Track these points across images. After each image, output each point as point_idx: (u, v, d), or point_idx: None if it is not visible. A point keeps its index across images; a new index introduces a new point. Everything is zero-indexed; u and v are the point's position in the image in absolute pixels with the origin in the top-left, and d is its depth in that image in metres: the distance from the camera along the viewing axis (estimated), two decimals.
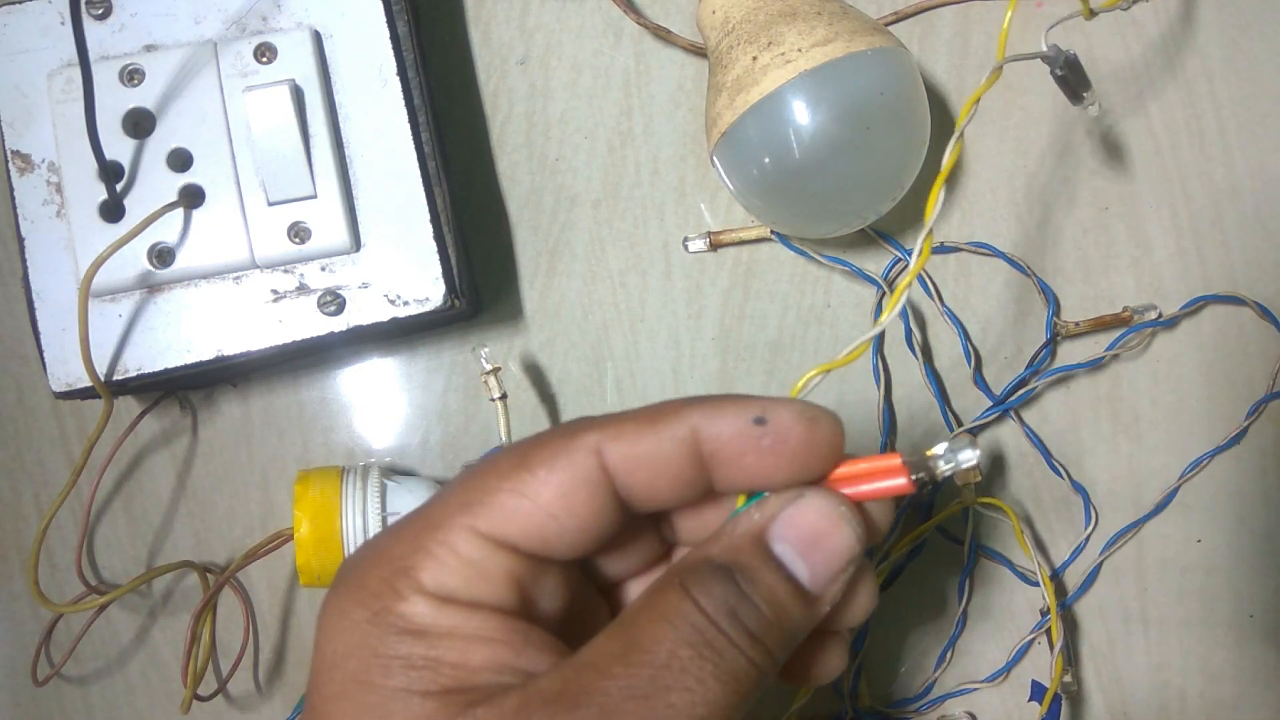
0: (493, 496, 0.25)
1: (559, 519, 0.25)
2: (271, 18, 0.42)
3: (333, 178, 0.41)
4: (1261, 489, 0.46)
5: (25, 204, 0.41)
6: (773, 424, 0.26)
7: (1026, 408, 0.46)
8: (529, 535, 0.25)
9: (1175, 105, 0.47)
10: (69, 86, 0.40)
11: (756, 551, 0.26)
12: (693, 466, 0.26)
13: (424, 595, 0.24)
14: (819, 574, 0.26)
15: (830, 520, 0.26)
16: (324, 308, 0.41)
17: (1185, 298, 0.46)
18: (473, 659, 0.24)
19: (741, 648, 0.24)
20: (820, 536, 0.26)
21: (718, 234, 0.46)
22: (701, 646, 0.24)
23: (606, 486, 0.26)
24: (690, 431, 0.26)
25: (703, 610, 0.24)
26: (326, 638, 0.25)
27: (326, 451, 0.47)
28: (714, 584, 0.25)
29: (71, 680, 0.47)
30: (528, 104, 0.48)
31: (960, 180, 0.47)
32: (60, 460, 0.47)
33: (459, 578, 0.25)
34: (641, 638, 0.24)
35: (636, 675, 0.23)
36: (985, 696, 0.46)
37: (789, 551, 0.26)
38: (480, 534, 0.25)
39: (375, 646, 0.24)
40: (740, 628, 0.24)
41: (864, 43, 0.40)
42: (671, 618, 0.24)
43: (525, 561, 0.25)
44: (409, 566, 0.25)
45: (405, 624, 0.24)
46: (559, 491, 0.25)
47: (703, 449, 0.26)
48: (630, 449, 0.26)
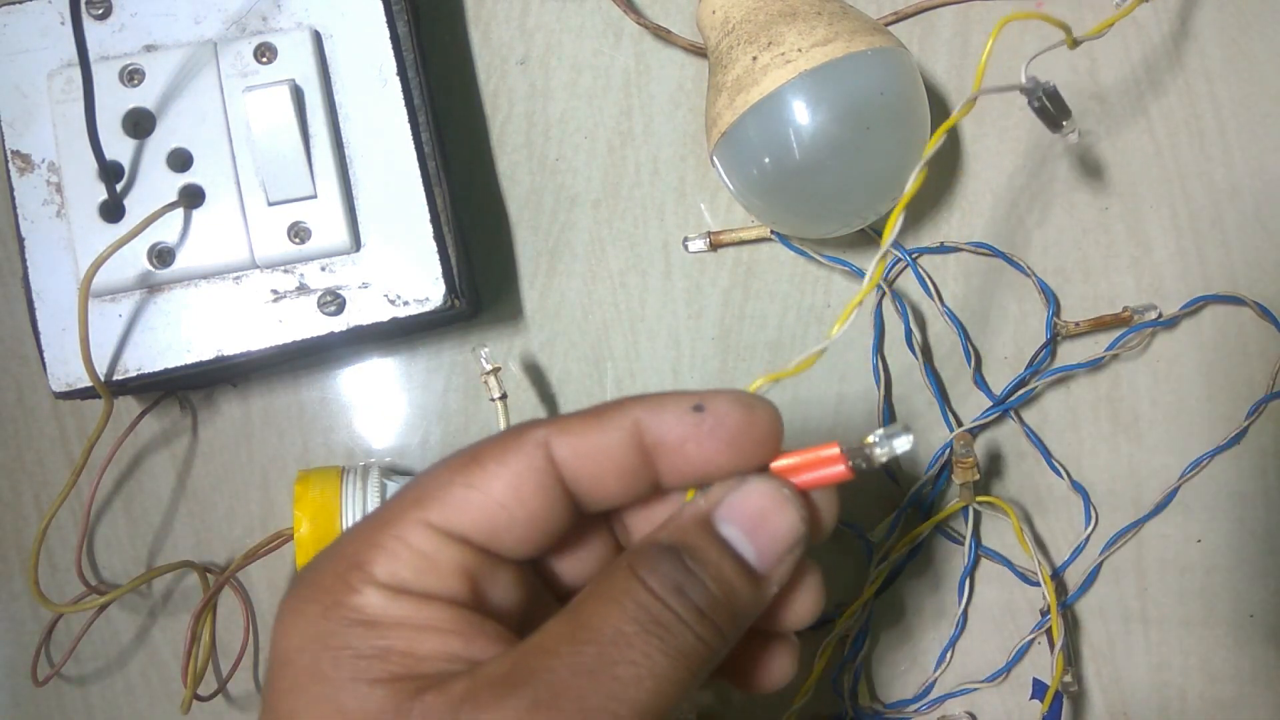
0: (444, 490, 0.26)
1: (509, 509, 0.26)
2: (271, 18, 0.42)
3: (333, 178, 0.41)
4: (1262, 489, 0.46)
5: (25, 204, 0.41)
6: (710, 411, 0.26)
7: (1026, 408, 0.46)
8: (479, 526, 0.26)
9: (1175, 105, 0.47)
10: (69, 86, 0.40)
11: (703, 532, 0.26)
12: (637, 458, 0.27)
13: (376, 586, 0.25)
14: (765, 553, 0.26)
15: (774, 501, 0.26)
16: (324, 308, 0.41)
17: (1185, 298, 0.46)
18: (422, 648, 0.24)
19: (689, 623, 0.24)
20: (764, 517, 0.26)
21: (718, 234, 0.46)
22: (648, 623, 0.24)
23: (555, 479, 0.26)
24: (633, 423, 0.26)
25: (649, 588, 0.25)
26: (281, 634, 0.25)
27: (326, 451, 0.47)
28: (660, 563, 0.25)
29: (71, 680, 0.47)
30: (528, 104, 0.48)
31: (960, 180, 0.47)
32: (60, 460, 0.47)
33: (410, 569, 0.25)
34: (589, 618, 0.24)
35: (583, 653, 0.23)
36: (985, 696, 0.46)
37: (735, 533, 0.26)
38: (432, 526, 0.25)
39: (326, 639, 0.24)
40: (687, 603, 0.25)
41: (864, 43, 0.40)
42: (619, 597, 0.24)
43: (477, 555, 0.26)
44: (362, 561, 0.25)
45: (357, 615, 0.24)
46: (508, 483, 0.26)
47: (646, 440, 0.26)
48: (576, 442, 0.26)
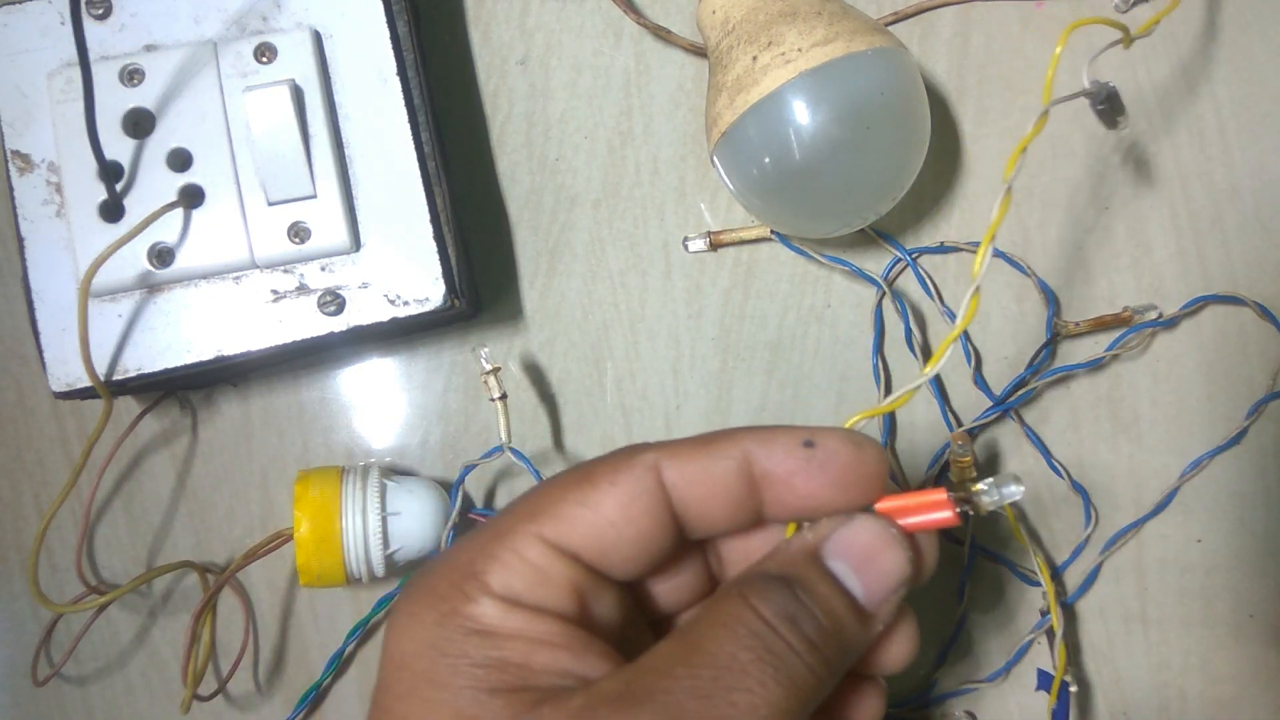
0: (558, 506, 0.26)
1: (618, 528, 0.26)
2: (271, 18, 0.42)
3: (333, 178, 0.41)
4: (1262, 489, 0.46)
5: (25, 204, 0.41)
6: (821, 447, 0.27)
7: (1026, 408, 0.46)
8: (589, 544, 0.26)
9: (1175, 105, 0.47)
10: (69, 86, 0.40)
11: (812, 565, 0.26)
12: (744, 488, 0.27)
13: (491, 597, 0.25)
14: (873, 591, 0.27)
15: (882, 540, 0.27)
16: (324, 308, 0.41)
17: (1185, 298, 0.46)
18: (536, 661, 0.25)
19: (800, 653, 0.25)
20: (873, 555, 0.27)
21: (718, 234, 0.46)
22: (761, 651, 0.24)
23: (664, 502, 0.27)
24: (743, 453, 0.27)
25: (762, 617, 0.25)
26: (395, 639, 0.26)
27: (326, 451, 0.47)
28: (772, 592, 0.25)
29: (71, 680, 0.47)
30: (528, 104, 0.48)
31: (960, 180, 0.47)
32: (60, 460, 0.47)
33: (524, 581, 0.26)
34: (702, 642, 0.25)
35: (699, 676, 0.24)
36: (985, 696, 0.46)
37: (843, 568, 0.27)
38: (545, 540, 0.26)
39: (443, 646, 0.25)
40: (799, 634, 0.25)
41: (864, 43, 0.40)
42: (731, 624, 0.25)
43: (585, 573, 0.26)
44: (477, 571, 0.26)
45: (473, 624, 0.25)
46: (619, 502, 0.26)
47: (754, 470, 0.27)
48: (687, 467, 0.27)
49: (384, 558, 0.42)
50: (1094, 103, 0.39)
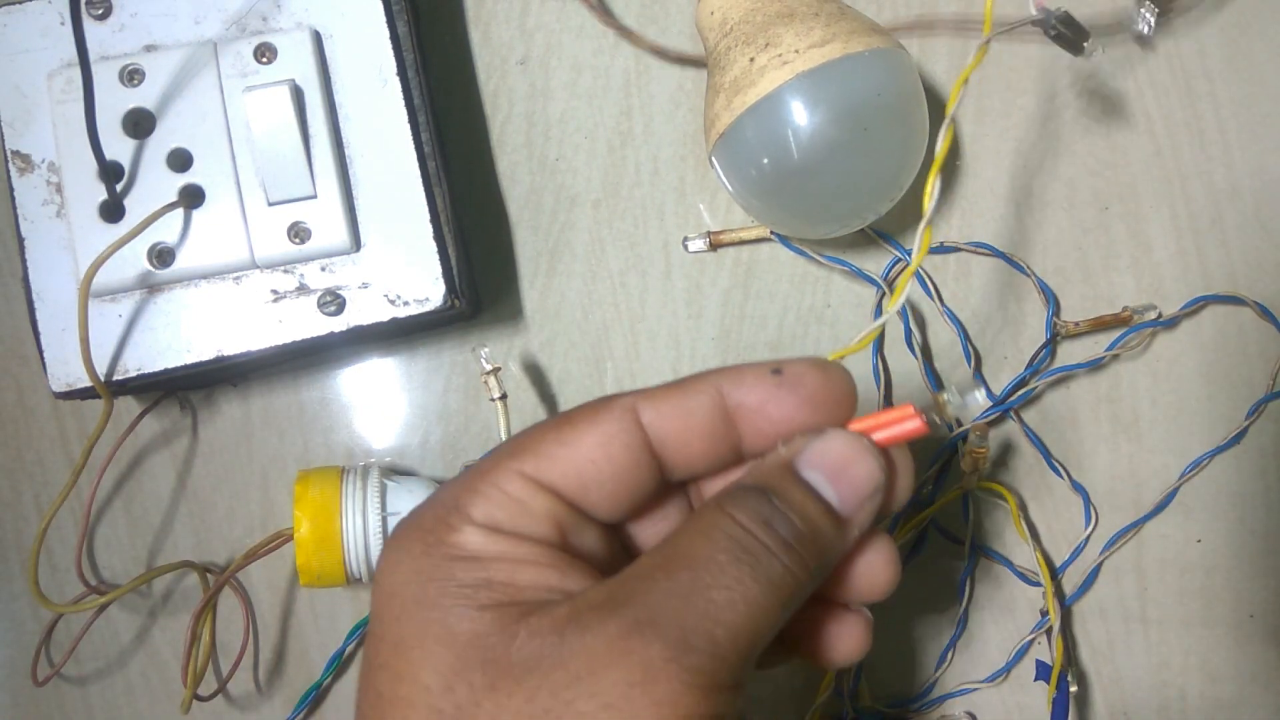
0: (538, 444, 0.27)
1: (597, 465, 0.27)
2: (271, 18, 0.42)
3: (333, 178, 0.41)
4: (1262, 489, 0.46)
5: (25, 204, 0.41)
6: (788, 373, 0.28)
7: (1026, 408, 0.46)
8: (569, 479, 0.27)
9: (1175, 105, 0.47)
10: (69, 86, 0.40)
11: (787, 475, 0.27)
12: (720, 421, 0.28)
13: (473, 525, 0.26)
14: (847, 498, 0.27)
15: (854, 449, 0.28)
16: (324, 308, 0.41)
17: (1185, 298, 0.46)
18: (521, 578, 0.26)
19: (776, 553, 0.26)
20: (846, 464, 0.28)
21: (717, 234, 0.46)
22: (739, 552, 0.25)
23: (642, 441, 0.28)
24: (715, 389, 0.28)
25: (738, 522, 0.26)
26: (386, 572, 0.27)
27: (326, 451, 0.47)
28: (749, 500, 0.26)
29: (71, 680, 0.47)
30: (528, 104, 0.48)
31: (960, 180, 0.47)
32: (60, 460, 0.47)
33: (505, 511, 0.27)
34: (681, 549, 0.26)
35: (678, 578, 0.25)
36: (985, 696, 0.46)
37: (817, 477, 0.27)
38: (525, 475, 0.27)
39: (430, 571, 0.26)
40: (774, 535, 0.26)
41: (862, 44, 0.40)
42: (709, 530, 0.26)
43: (566, 508, 0.27)
44: (460, 504, 0.27)
45: (457, 551, 0.26)
46: (598, 441, 0.27)
47: (728, 403, 0.28)
48: (662, 406, 0.28)
49: None
50: (1046, 29, 0.38)
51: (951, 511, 0.46)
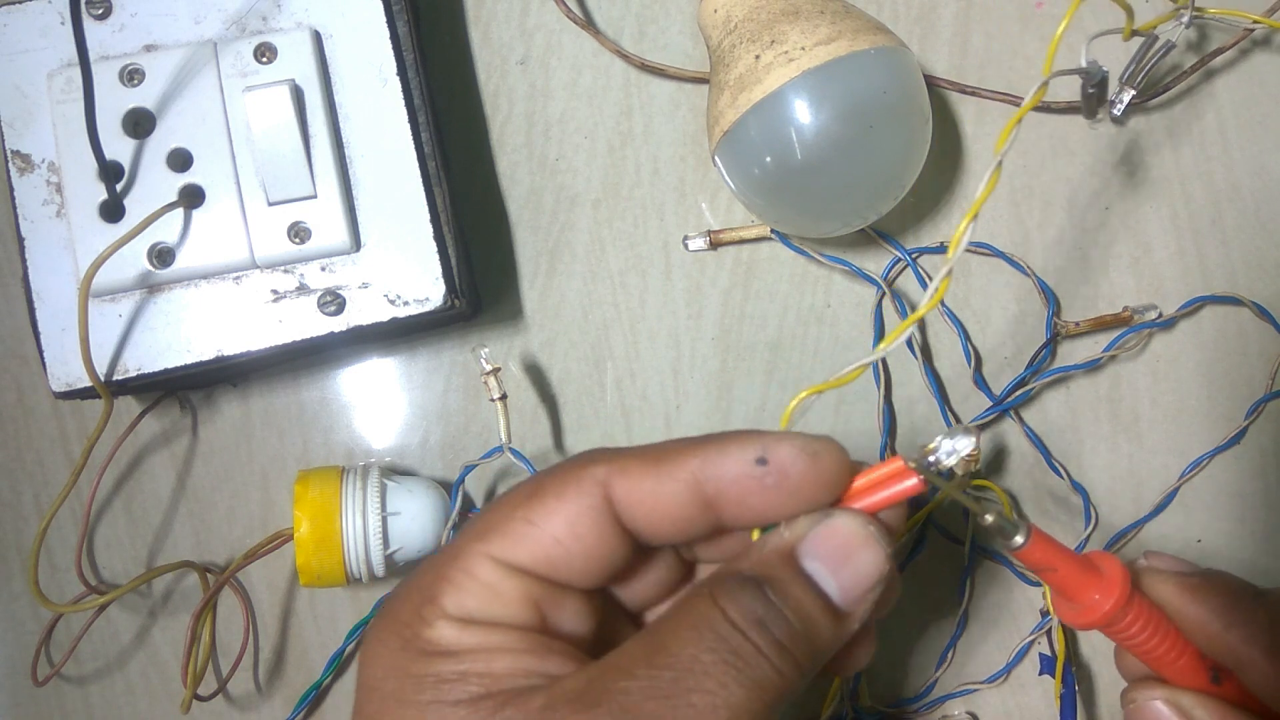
0: (505, 524, 0.27)
1: (564, 545, 0.26)
2: (271, 18, 0.42)
3: (333, 178, 0.41)
4: (1262, 489, 0.46)
5: (25, 204, 0.41)
6: (774, 463, 0.26)
7: (1026, 408, 0.46)
8: (538, 560, 0.26)
9: (1175, 105, 0.47)
10: (69, 86, 0.40)
11: (786, 566, 0.26)
12: (696, 507, 0.27)
13: (447, 619, 0.26)
14: (849, 591, 0.26)
15: (860, 538, 0.26)
16: (324, 308, 0.41)
17: (1185, 298, 0.46)
18: (497, 667, 0.25)
19: (768, 655, 0.24)
20: (850, 554, 0.26)
21: (718, 233, 0.46)
22: (726, 653, 0.24)
23: (611, 518, 0.27)
24: (692, 475, 0.26)
25: (729, 619, 0.25)
26: (366, 664, 0.26)
27: (326, 451, 0.47)
28: (742, 594, 0.25)
29: (71, 680, 0.47)
30: (528, 104, 0.48)
31: (960, 180, 0.47)
32: (60, 460, 0.47)
33: (476, 600, 0.26)
34: (667, 642, 0.25)
35: (659, 676, 0.24)
36: (986, 697, 0.46)
37: (819, 568, 0.26)
38: (494, 559, 0.26)
39: (407, 667, 0.25)
40: (767, 636, 0.25)
41: (867, 41, 0.40)
42: (698, 625, 0.25)
43: (540, 585, 0.26)
44: (433, 595, 0.26)
45: (432, 647, 0.25)
46: (565, 519, 0.26)
47: (706, 491, 0.26)
48: (634, 486, 0.27)
49: (384, 558, 0.42)
50: (1087, 82, 0.39)
51: (952, 511, 0.46)
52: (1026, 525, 0.27)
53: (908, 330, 0.27)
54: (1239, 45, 0.46)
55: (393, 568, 0.43)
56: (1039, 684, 0.45)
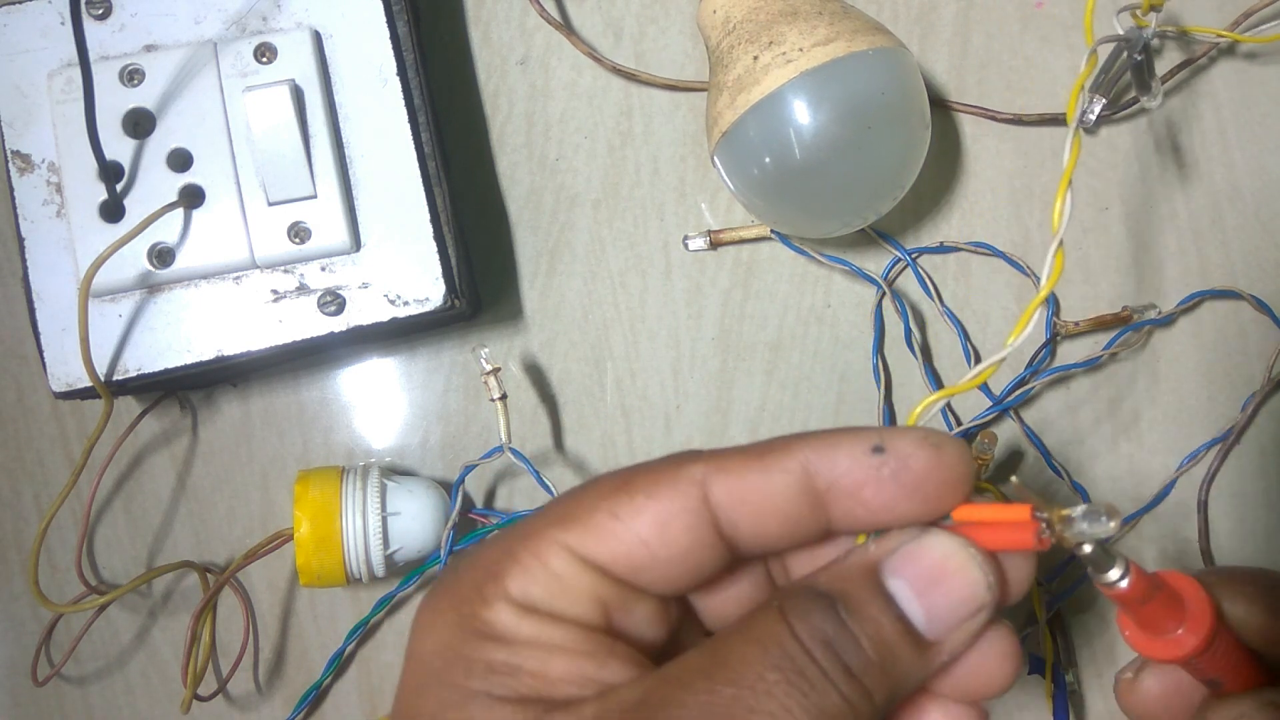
0: (589, 515, 0.25)
1: (651, 547, 0.24)
2: (271, 18, 0.42)
3: (333, 178, 0.41)
4: (1262, 489, 0.46)
5: (25, 204, 0.41)
6: (892, 452, 0.24)
7: (1026, 408, 0.46)
8: (618, 559, 0.24)
9: (1175, 105, 0.47)
10: (69, 86, 0.40)
11: (866, 583, 0.24)
12: (805, 504, 0.25)
13: (508, 602, 0.24)
14: (937, 617, 0.24)
15: (956, 560, 0.24)
16: (324, 308, 0.41)
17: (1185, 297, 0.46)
18: (553, 669, 0.24)
19: (835, 682, 0.22)
20: (942, 576, 0.24)
21: (717, 232, 0.46)
22: (791, 673, 0.22)
23: (707, 520, 0.25)
24: (802, 465, 0.24)
25: (797, 636, 0.23)
26: (418, 634, 0.25)
27: (326, 451, 0.47)
28: (813, 611, 0.23)
29: (71, 680, 0.47)
30: (528, 104, 0.48)
31: (960, 180, 0.47)
32: (60, 460, 0.47)
33: (543, 589, 0.24)
34: (729, 656, 0.23)
35: (719, 693, 0.22)
36: None
37: (904, 588, 0.24)
38: (570, 549, 0.24)
39: (459, 647, 0.24)
40: (835, 661, 0.23)
41: (865, 42, 0.40)
42: (763, 640, 0.23)
43: (614, 585, 0.25)
44: (498, 573, 0.24)
45: (489, 630, 0.24)
46: (655, 519, 0.24)
47: (817, 484, 0.24)
48: (737, 483, 0.24)
49: (384, 558, 0.42)
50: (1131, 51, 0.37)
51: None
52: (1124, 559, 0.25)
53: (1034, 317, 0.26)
54: (1237, 45, 0.46)
55: (393, 568, 0.43)
56: (1037, 683, 0.45)
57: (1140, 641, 0.26)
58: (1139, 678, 0.29)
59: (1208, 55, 0.46)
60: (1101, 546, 0.24)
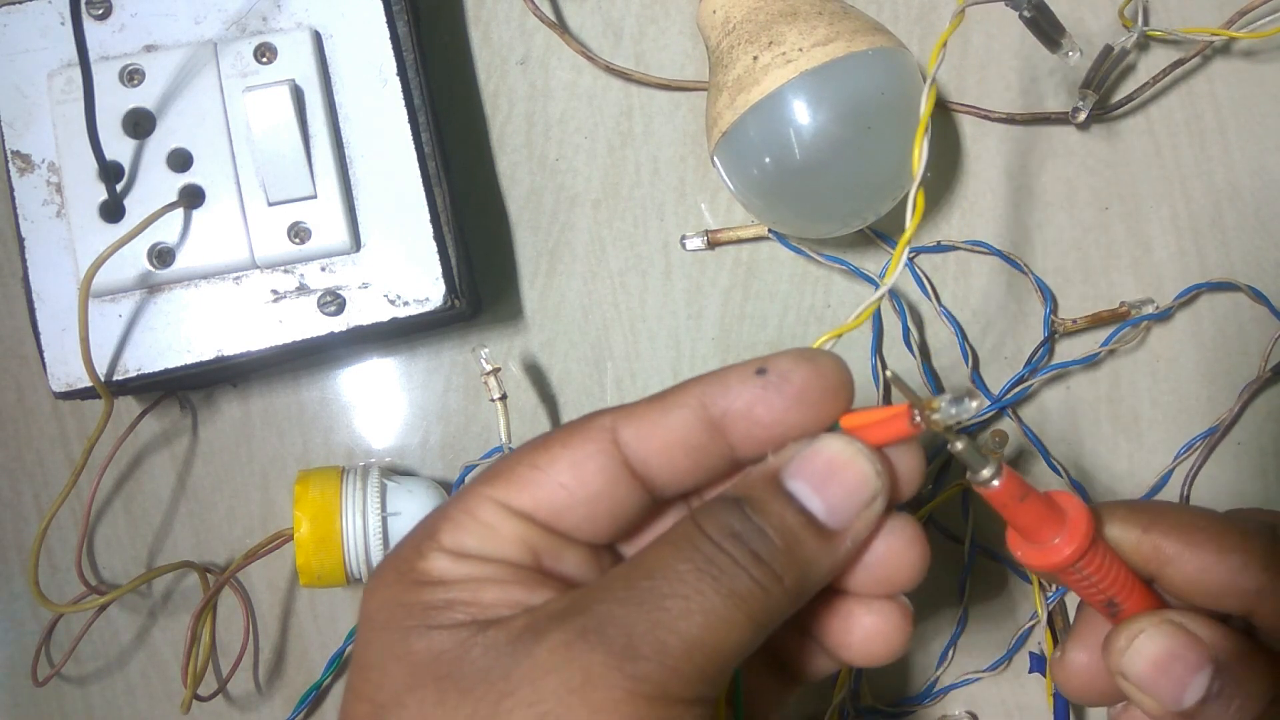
0: (511, 469, 0.27)
1: (569, 490, 0.26)
2: (271, 18, 0.42)
3: (333, 178, 0.41)
4: (1261, 488, 0.46)
5: (25, 204, 0.41)
6: (774, 370, 0.26)
7: (1025, 407, 0.46)
8: (540, 505, 0.26)
9: (1175, 105, 0.47)
10: (69, 86, 0.40)
11: (768, 486, 0.26)
12: (706, 433, 0.27)
13: (442, 552, 0.26)
14: (835, 507, 0.26)
15: (844, 454, 0.26)
16: (324, 308, 0.41)
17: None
18: (485, 597, 0.25)
19: (744, 565, 0.24)
20: (834, 470, 0.26)
21: (715, 232, 0.47)
22: (703, 563, 0.24)
23: (619, 461, 0.27)
24: (698, 400, 0.27)
25: (706, 533, 0.25)
26: (365, 599, 0.27)
27: (326, 451, 0.47)
28: (721, 512, 0.25)
29: (71, 680, 0.47)
30: (528, 104, 0.48)
31: (960, 180, 0.47)
32: (60, 460, 0.47)
33: (474, 537, 0.26)
34: (645, 559, 0.25)
35: (636, 587, 0.24)
36: (987, 696, 0.46)
37: (802, 487, 0.26)
38: (497, 501, 0.26)
39: (399, 597, 0.26)
40: (743, 548, 0.25)
41: (865, 42, 0.40)
42: (676, 541, 0.25)
43: (541, 532, 0.27)
44: (433, 531, 0.27)
45: (423, 576, 0.26)
46: (570, 464, 0.26)
47: (713, 412, 0.26)
48: (641, 423, 0.27)
49: (384, 558, 0.42)
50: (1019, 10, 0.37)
51: (951, 510, 0.46)
52: (998, 460, 0.27)
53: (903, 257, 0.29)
54: (1235, 44, 0.46)
55: None
56: (1037, 682, 0.45)
57: (1022, 550, 0.29)
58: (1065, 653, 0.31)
59: (1201, 54, 0.46)
60: (974, 446, 0.27)
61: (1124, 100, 0.46)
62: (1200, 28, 0.45)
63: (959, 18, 0.32)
